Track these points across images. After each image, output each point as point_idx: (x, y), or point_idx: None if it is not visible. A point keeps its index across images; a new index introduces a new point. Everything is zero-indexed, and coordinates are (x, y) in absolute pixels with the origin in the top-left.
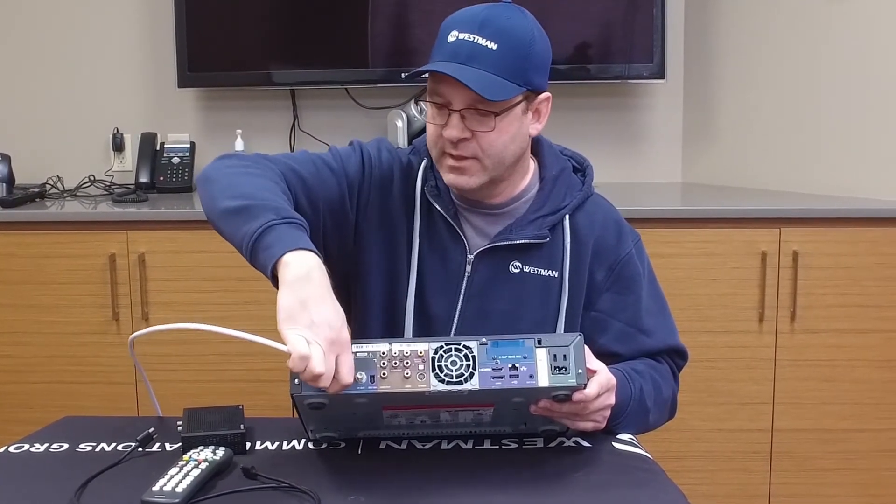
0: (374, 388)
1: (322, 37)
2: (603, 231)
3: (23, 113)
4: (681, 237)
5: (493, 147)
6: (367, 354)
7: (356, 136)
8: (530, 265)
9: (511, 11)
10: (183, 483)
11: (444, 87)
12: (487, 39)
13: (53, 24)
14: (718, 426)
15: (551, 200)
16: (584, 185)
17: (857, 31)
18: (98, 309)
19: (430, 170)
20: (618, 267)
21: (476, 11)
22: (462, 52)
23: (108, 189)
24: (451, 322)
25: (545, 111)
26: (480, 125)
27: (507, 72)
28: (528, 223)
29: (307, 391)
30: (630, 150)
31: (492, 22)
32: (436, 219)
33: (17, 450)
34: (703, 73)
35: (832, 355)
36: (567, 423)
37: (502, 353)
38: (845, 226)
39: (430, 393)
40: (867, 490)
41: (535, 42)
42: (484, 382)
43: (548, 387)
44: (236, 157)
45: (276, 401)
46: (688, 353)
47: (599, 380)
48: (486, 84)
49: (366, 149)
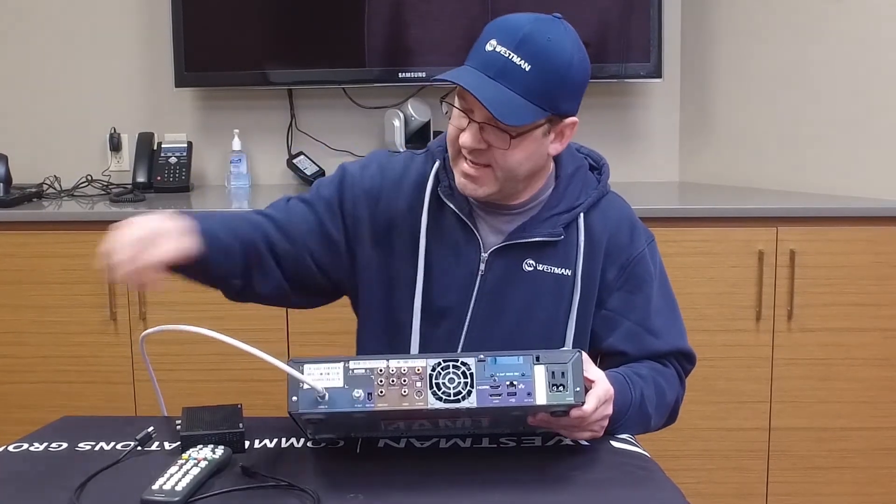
0: (371, 405)
1: (319, 37)
2: (616, 230)
3: (20, 113)
4: (678, 236)
5: (506, 163)
6: (364, 371)
7: (353, 136)
8: (544, 263)
9: (555, 31)
10: (183, 482)
11: (469, 94)
12: (522, 59)
13: (50, 24)
14: (716, 425)
15: (566, 199)
16: (599, 183)
17: (853, 30)
18: (96, 309)
19: (443, 170)
20: (629, 266)
21: (520, 24)
22: (494, 66)
23: (105, 189)
24: (464, 319)
25: (570, 134)
26: (497, 141)
27: (534, 95)
28: (543, 221)
29: (304, 409)
30: (627, 150)
31: (532, 41)
32: (447, 217)
33: (16, 449)
34: (700, 72)
35: (829, 354)
36: (565, 434)
37: (500, 370)
38: (842, 225)
39: (428, 411)
40: (864, 488)
41: (571, 68)
42: (482, 401)
43: (545, 405)
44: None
45: (274, 400)
46: (696, 356)
47: (597, 392)
48: (505, 106)
49: (348, 169)
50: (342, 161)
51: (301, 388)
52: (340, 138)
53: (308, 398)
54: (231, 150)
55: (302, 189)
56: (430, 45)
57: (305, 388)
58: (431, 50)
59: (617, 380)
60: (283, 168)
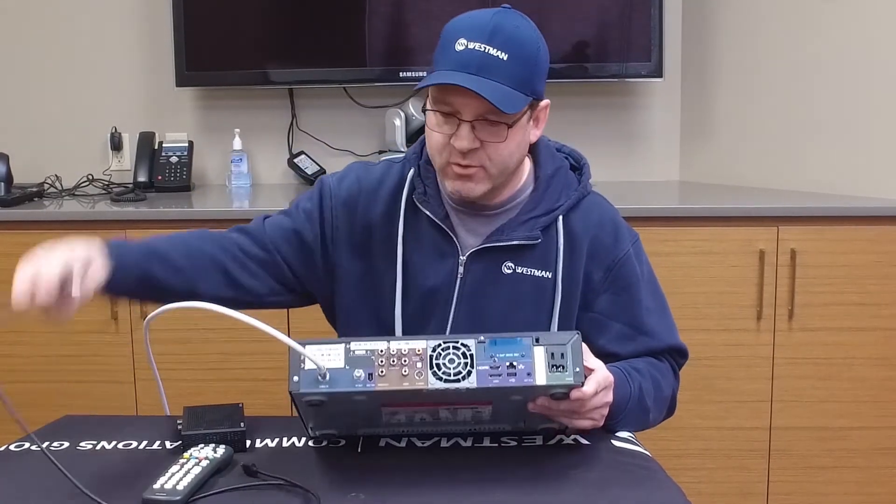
0: (371, 385)
1: (320, 36)
2: (599, 231)
3: (21, 112)
4: (678, 236)
5: (500, 156)
6: (365, 352)
7: (354, 135)
8: (523, 266)
9: (518, 19)
10: (184, 481)
11: (454, 96)
12: (498, 49)
13: (51, 24)
14: (717, 424)
15: (545, 201)
16: (580, 183)
17: (853, 29)
18: (97, 308)
19: (417, 178)
20: (615, 268)
21: (483, 19)
22: (473, 63)
23: (106, 188)
24: (446, 324)
25: (544, 118)
26: (491, 136)
27: (516, 82)
28: (521, 224)
29: (305, 389)
30: (627, 149)
31: (502, 30)
32: (424, 223)
33: (17, 448)
34: (701, 71)
35: (830, 353)
36: (565, 422)
37: (500, 351)
38: (843, 224)
39: (428, 391)
40: (864, 488)
41: (539, 51)
42: (482, 381)
43: (545, 385)
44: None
45: (275, 399)
46: (688, 351)
47: (597, 378)
48: (501, 96)
49: (325, 182)
50: (343, 160)
51: (302, 369)
52: (341, 138)
53: (309, 378)
54: (232, 150)
55: (302, 189)
56: (432, 44)
57: (306, 368)
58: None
59: (615, 374)
60: (284, 167)
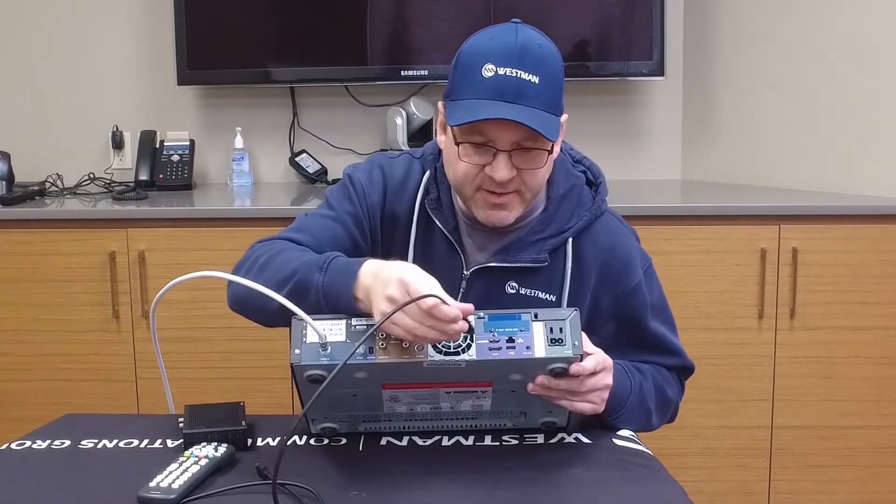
0: (372, 358)
1: (321, 34)
2: (610, 258)
3: (22, 111)
4: (680, 234)
5: (536, 181)
6: (366, 328)
7: (355, 134)
8: (527, 287)
9: (537, 35)
10: (180, 479)
11: (488, 127)
12: (530, 73)
13: (53, 22)
14: (718, 423)
15: (555, 222)
16: (594, 203)
17: (856, 28)
18: (98, 307)
19: (433, 181)
20: (625, 298)
21: (508, 41)
22: (509, 91)
23: (107, 187)
24: None
25: (562, 133)
26: (528, 163)
27: (548, 105)
28: (529, 245)
29: (307, 361)
30: (629, 148)
31: (529, 52)
32: (434, 232)
33: (18, 447)
34: (703, 70)
35: (832, 352)
36: (565, 405)
37: (499, 326)
38: (845, 223)
39: (429, 363)
40: (866, 487)
41: (562, 67)
42: (481, 353)
43: (544, 357)
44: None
45: (277, 398)
46: (694, 366)
47: (597, 357)
48: (544, 124)
49: (356, 178)
50: (344, 159)
51: (304, 342)
52: (343, 136)
53: (311, 351)
54: (233, 148)
55: (303, 187)
56: (433, 43)
57: (308, 341)
58: (434, 48)
59: (616, 367)
60: (286, 166)
